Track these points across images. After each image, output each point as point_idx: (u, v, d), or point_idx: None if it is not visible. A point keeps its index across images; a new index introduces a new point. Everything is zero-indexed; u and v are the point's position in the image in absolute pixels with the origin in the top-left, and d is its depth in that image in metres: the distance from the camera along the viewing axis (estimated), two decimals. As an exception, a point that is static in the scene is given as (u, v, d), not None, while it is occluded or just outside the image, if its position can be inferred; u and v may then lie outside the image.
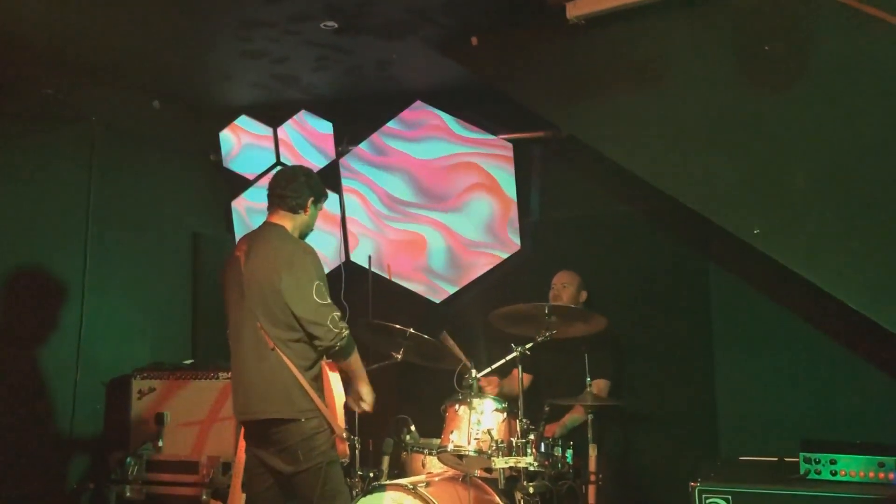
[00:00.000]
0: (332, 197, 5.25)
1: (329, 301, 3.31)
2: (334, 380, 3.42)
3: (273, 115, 5.40)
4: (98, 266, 4.76)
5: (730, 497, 3.06)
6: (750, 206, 3.66)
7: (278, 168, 5.38)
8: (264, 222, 3.56)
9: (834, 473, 3.07)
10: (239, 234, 5.39)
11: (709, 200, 3.76)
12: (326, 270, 3.59)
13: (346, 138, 5.32)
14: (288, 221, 3.50)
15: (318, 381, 3.38)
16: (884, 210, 3.32)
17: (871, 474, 3.01)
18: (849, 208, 3.45)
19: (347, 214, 5.33)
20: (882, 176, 3.31)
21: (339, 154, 5.33)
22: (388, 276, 5.20)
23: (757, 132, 3.61)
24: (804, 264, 3.56)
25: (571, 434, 3.94)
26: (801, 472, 3.12)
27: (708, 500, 3.08)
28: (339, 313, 3.31)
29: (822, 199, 3.52)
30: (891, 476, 3.00)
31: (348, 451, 3.44)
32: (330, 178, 5.23)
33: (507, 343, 3.89)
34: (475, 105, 4.96)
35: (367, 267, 5.16)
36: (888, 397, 3.75)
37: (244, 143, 5.51)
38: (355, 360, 3.45)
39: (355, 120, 5.28)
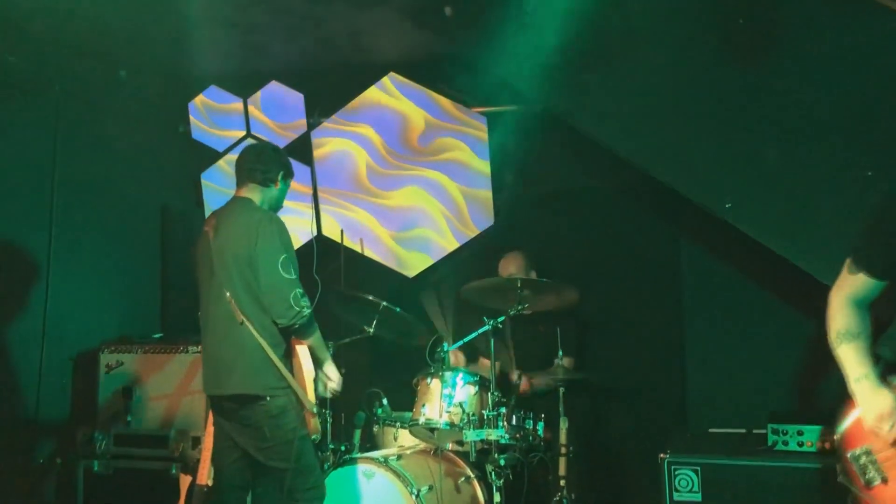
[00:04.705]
0: (304, 170, 5.19)
1: (294, 276, 3.27)
2: (304, 355, 3.39)
3: (243, 86, 5.31)
4: (64, 239, 4.67)
5: (699, 468, 3.09)
6: (722, 181, 3.67)
7: (248, 141, 5.32)
8: (233, 197, 3.52)
9: (801, 444, 3.11)
10: (209, 207, 5.33)
11: (681, 174, 3.77)
12: (297, 246, 3.56)
13: (318, 110, 5.25)
14: (257, 195, 3.46)
15: (288, 356, 3.36)
16: (855, 185, 3.35)
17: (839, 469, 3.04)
18: (820, 183, 3.48)
19: (319, 187, 5.28)
20: (854, 151, 3.33)
21: (311, 126, 5.26)
22: (360, 251, 5.16)
23: (729, 106, 3.61)
24: (775, 238, 3.59)
25: (542, 407, 3.95)
26: (769, 443, 3.15)
27: (677, 472, 3.11)
28: (301, 290, 3.28)
29: (793, 173, 3.54)
30: (856, 446, 3.02)
31: (319, 428, 3.43)
32: (301, 151, 5.16)
33: (479, 317, 3.88)
34: (449, 77, 4.90)
35: (339, 241, 5.12)
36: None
37: (213, 115, 5.42)
38: (317, 340, 3.42)
39: (326, 91, 5.21)
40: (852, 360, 2.43)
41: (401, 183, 5.10)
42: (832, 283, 3.08)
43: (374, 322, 4.11)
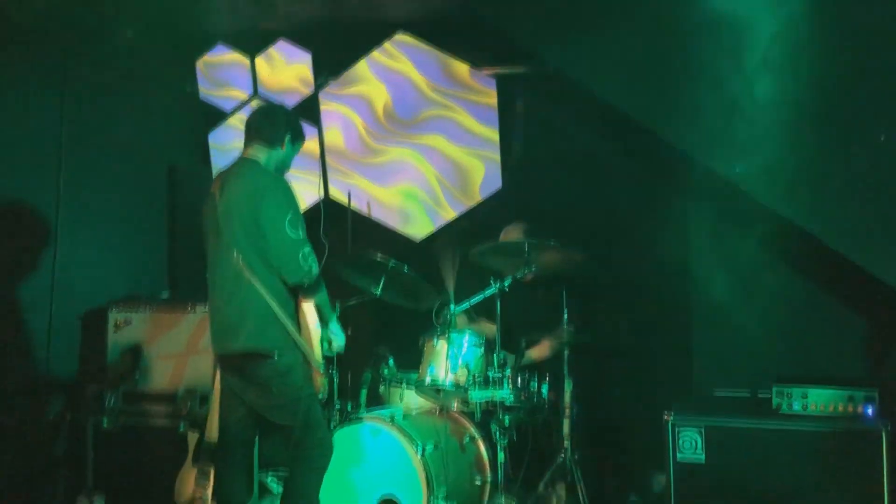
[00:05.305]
0: (311, 131, 5.16)
1: (302, 235, 3.27)
2: (310, 314, 3.40)
3: (250, 45, 5.26)
4: (72, 197, 4.67)
5: (702, 429, 3.11)
6: (732, 144, 3.65)
7: (255, 101, 5.30)
8: (239, 157, 3.50)
9: (805, 407, 3.12)
10: (216, 167, 5.32)
11: (692, 138, 3.75)
12: (304, 209, 3.55)
13: (326, 70, 5.21)
14: (263, 155, 3.44)
15: (295, 315, 3.37)
16: (868, 149, 3.33)
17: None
18: (832, 147, 3.46)
19: (327, 148, 5.25)
20: (867, 113, 3.31)
21: (319, 86, 5.22)
22: (367, 214, 5.16)
23: (742, 68, 3.58)
24: (784, 203, 3.58)
25: (547, 369, 3.97)
26: (774, 405, 3.17)
27: (681, 432, 3.13)
28: (309, 249, 3.28)
29: (805, 137, 3.51)
30: (860, 409, 3.05)
31: (325, 386, 3.45)
32: (308, 111, 5.14)
33: (485, 280, 3.89)
34: (459, 37, 4.85)
35: (346, 204, 5.11)
36: (861, 335, 3.80)
37: (220, 74, 5.39)
38: (323, 299, 3.42)
39: (335, 50, 5.16)
40: None
41: (408, 144, 5.07)
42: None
43: (382, 283, 4.11)
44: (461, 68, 4.91)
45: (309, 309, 3.38)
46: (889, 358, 3.66)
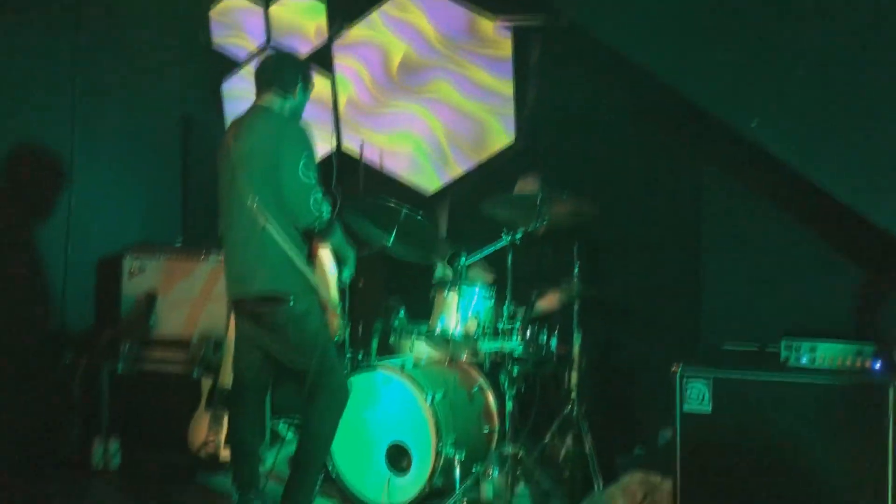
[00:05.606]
0: (324, 81, 5.14)
1: (314, 180, 3.28)
2: (326, 257, 3.43)
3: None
4: (86, 145, 4.69)
5: (710, 380, 3.12)
6: (749, 98, 3.62)
7: (268, 50, 5.27)
8: (252, 105, 3.50)
9: (813, 361, 3.13)
10: (230, 116, 5.32)
11: (709, 91, 3.71)
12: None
13: (340, 18, 5.16)
14: (276, 104, 3.43)
15: (311, 260, 3.39)
16: (887, 104, 3.29)
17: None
18: (850, 103, 3.42)
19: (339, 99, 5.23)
20: (889, 74, 3.26)
21: (332, 36, 5.18)
22: (379, 167, 5.15)
23: (759, 21, 3.53)
24: (799, 159, 3.55)
25: (556, 321, 3.99)
26: (782, 358, 3.18)
27: (688, 384, 3.15)
28: (321, 194, 3.29)
29: (823, 91, 3.47)
30: (868, 363, 3.06)
31: (341, 328, 3.49)
32: (321, 61, 5.11)
33: (497, 232, 3.90)
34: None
35: (358, 156, 5.10)
36: (870, 291, 3.80)
37: (234, 23, 5.36)
38: (338, 240, 3.44)
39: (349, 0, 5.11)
40: None
41: (420, 99, 5.05)
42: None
43: (394, 234, 4.13)
44: (476, 20, 4.85)
45: (325, 253, 3.42)
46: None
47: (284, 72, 3.46)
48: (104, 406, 4.46)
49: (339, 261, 3.48)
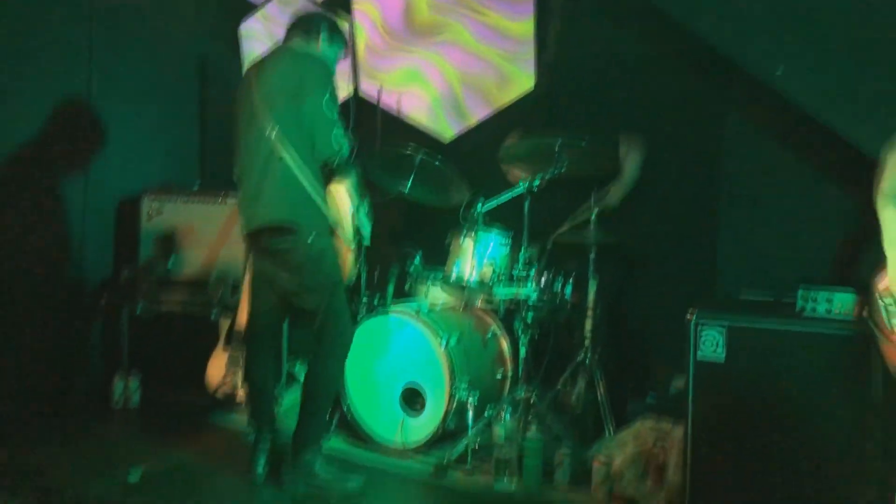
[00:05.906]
0: (343, 26, 5.08)
1: (336, 117, 3.29)
2: (342, 194, 3.46)
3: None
4: (104, 87, 4.68)
5: (725, 328, 3.12)
6: (774, 46, 3.55)
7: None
8: (277, 46, 3.50)
9: (829, 311, 3.12)
10: (247, 57, 5.29)
11: (734, 39, 3.64)
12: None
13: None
14: (301, 46, 3.46)
15: (327, 195, 3.41)
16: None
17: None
18: (877, 51, 3.34)
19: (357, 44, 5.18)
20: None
21: (351, -21, 5.12)
22: (397, 112, 5.12)
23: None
24: (823, 108, 3.50)
25: (572, 268, 3.98)
26: (798, 308, 3.16)
27: (702, 331, 3.14)
28: (342, 129, 3.32)
29: (849, 40, 3.40)
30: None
31: (354, 269, 3.52)
32: (340, 3, 5.05)
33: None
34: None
35: (375, 102, 5.06)
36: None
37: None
38: (354, 179, 3.49)
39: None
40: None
41: (438, 44, 4.98)
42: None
43: (410, 180, 4.12)
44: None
45: (340, 189, 3.43)
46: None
47: (309, 21, 3.53)
48: (124, 346, 4.54)
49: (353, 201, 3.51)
